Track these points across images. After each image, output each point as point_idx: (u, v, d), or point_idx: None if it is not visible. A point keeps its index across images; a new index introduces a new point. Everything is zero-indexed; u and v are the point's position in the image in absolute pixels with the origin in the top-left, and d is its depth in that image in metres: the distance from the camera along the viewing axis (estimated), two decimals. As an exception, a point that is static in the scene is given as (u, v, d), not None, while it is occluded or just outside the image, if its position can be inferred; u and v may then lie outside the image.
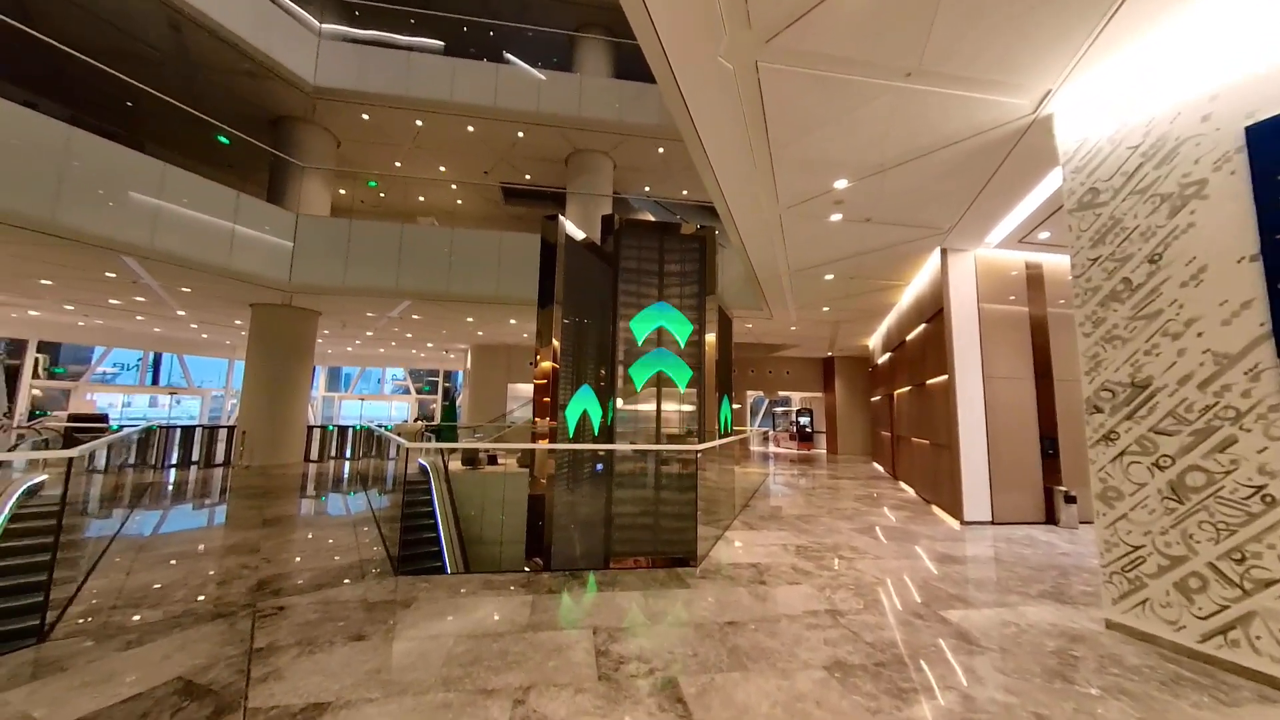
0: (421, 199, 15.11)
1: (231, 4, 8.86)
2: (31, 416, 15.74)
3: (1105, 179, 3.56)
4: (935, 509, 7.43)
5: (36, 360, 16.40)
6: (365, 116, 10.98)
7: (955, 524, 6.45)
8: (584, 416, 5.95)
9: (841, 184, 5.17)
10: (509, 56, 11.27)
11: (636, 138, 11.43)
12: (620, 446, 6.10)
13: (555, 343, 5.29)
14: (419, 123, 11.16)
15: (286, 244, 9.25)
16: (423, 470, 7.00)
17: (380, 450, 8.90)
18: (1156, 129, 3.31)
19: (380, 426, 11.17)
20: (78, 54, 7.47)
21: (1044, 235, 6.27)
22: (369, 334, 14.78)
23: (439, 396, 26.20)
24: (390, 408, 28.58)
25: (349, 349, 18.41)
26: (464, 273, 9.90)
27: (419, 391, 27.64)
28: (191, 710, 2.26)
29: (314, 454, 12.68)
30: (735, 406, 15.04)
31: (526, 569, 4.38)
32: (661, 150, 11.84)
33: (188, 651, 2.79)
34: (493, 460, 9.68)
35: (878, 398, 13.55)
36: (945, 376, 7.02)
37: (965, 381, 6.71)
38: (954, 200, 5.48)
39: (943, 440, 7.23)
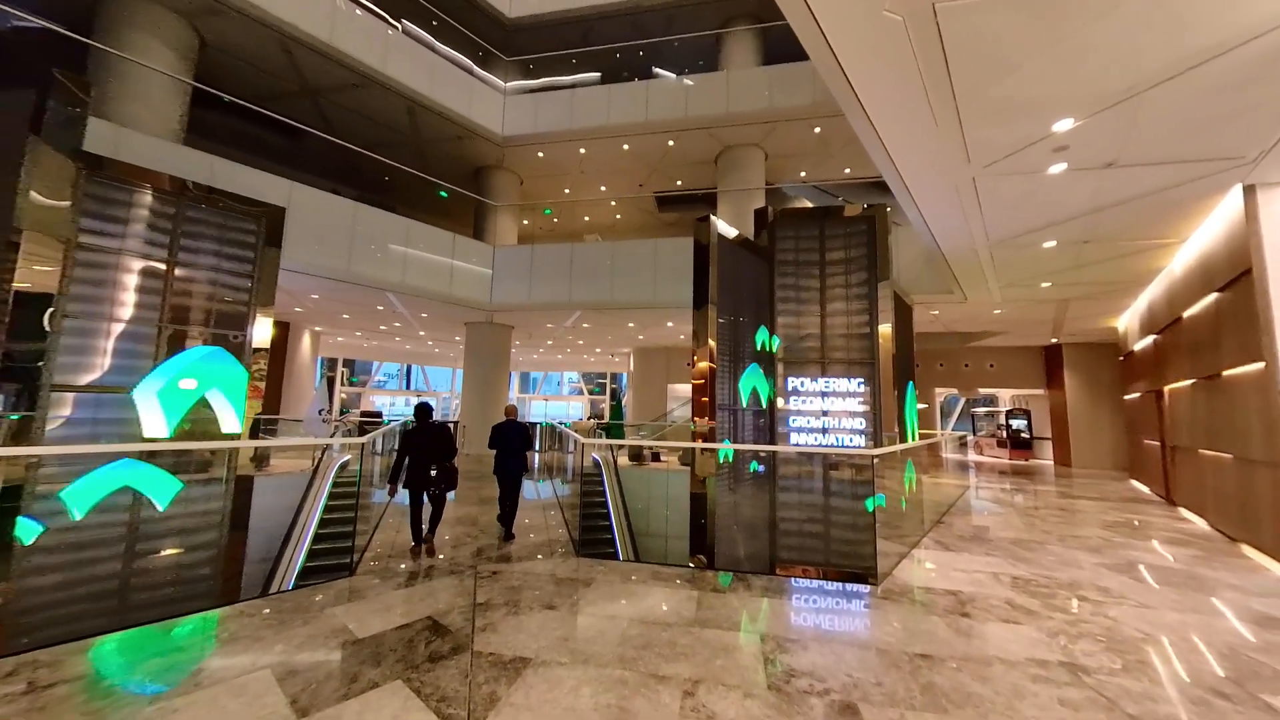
0: (587, 219, 16.77)
1: (447, 86, 11.14)
2: (341, 413, 22.07)
3: None
4: (1246, 549, 5.34)
5: (342, 373, 23.02)
6: (540, 154, 12.66)
7: (1288, 574, 4.52)
8: (754, 395, 5.88)
9: (1064, 125, 4.09)
10: (657, 71, 11.77)
11: (789, 122, 10.82)
12: (785, 448, 5.82)
13: (711, 343, 5.31)
14: (582, 150, 12.41)
15: (487, 271, 11.19)
16: (596, 464, 7.72)
17: (561, 444, 10.10)
18: None
19: (560, 424, 12.71)
20: (361, 150, 10.23)
21: None
22: (549, 343, 16.92)
23: (607, 397, 28.60)
24: (568, 407, 32.23)
25: (534, 356, 21.37)
26: (624, 281, 10.64)
27: (590, 392, 30.61)
28: (437, 644, 2.88)
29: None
30: (921, 406, 13.05)
31: (691, 565, 4.48)
32: (818, 130, 10.98)
33: (434, 597, 3.56)
34: (656, 457, 10.17)
35: (1136, 395, 10.31)
36: (1259, 365, 4.98)
37: (1299, 371, 4.66)
38: (1266, 114, 3.87)
39: (1258, 454, 5.14)
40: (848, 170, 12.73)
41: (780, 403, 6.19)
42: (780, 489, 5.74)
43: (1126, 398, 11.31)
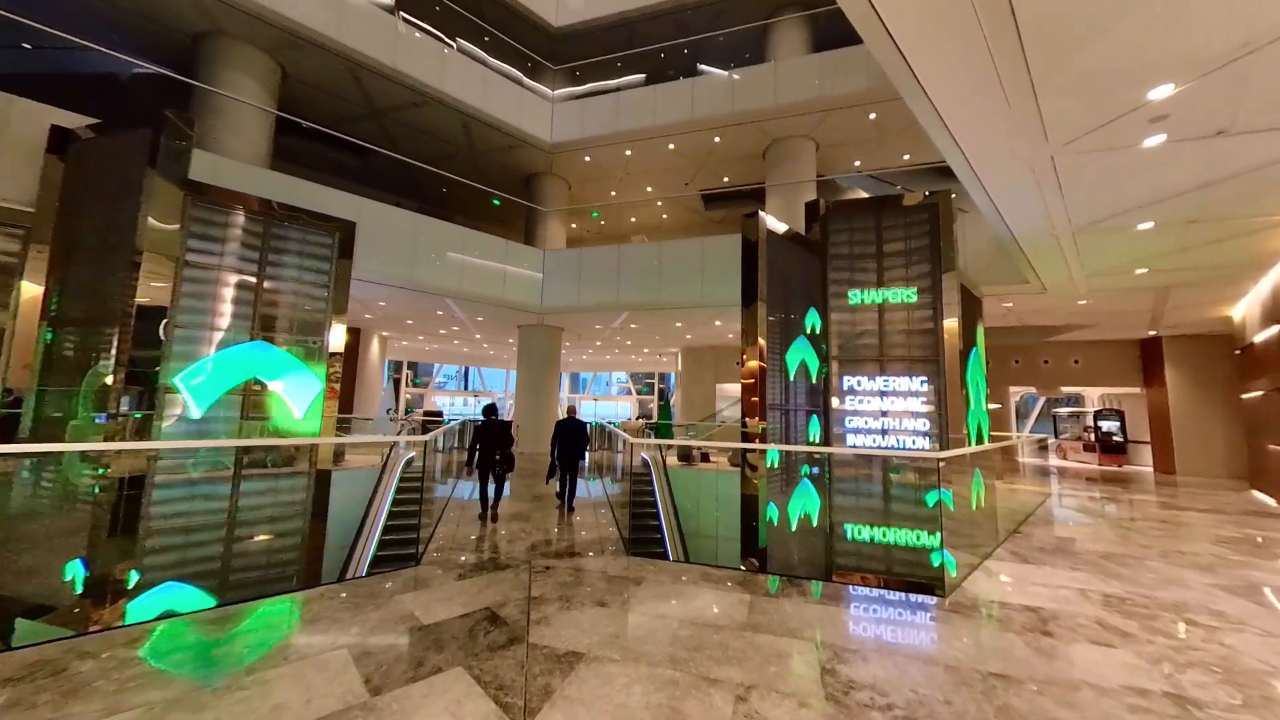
0: (633, 220, 16.89)
1: (499, 98, 11.60)
2: (406, 412, 23.51)
3: None
4: None
5: (406, 375, 24.55)
6: (587, 158, 12.89)
7: None
8: (802, 367, 5.71)
9: (1162, 92, 3.66)
10: (702, 68, 11.66)
11: (841, 110, 10.38)
12: (842, 450, 5.59)
13: (761, 341, 5.20)
14: (628, 152, 12.50)
15: (538, 275, 11.53)
16: (645, 463, 7.75)
17: (610, 444, 10.22)
18: None
19: (609, 423, 12.88)
20: (421, 164, 10.86)
21: None
22: (598, 344, 17.18)
23: (655, 397, 28.67)
24: (616, 407, 32.58)
25: (584, 357, 21.76)
26: (671, 281, 10.61)
27: (638, 393, 30.79)
28: (495, 634, 3.00)
29: (563, 445, 15.38)
30: (993, 406, 12.10)
31: (742, 567, 4.40)
32: (873, 116, 10.45)
33: (492, 589, 3.71)
34: (705, 458, 10.07)
35: (1258, 394, 9.05)
36: None
37: None
38: None
39: None
40: (907, 156, 12.04)
41: (835, 402, 5.94)
42: (836, 492, 5.51)
43: (1245, 397, 9.94)
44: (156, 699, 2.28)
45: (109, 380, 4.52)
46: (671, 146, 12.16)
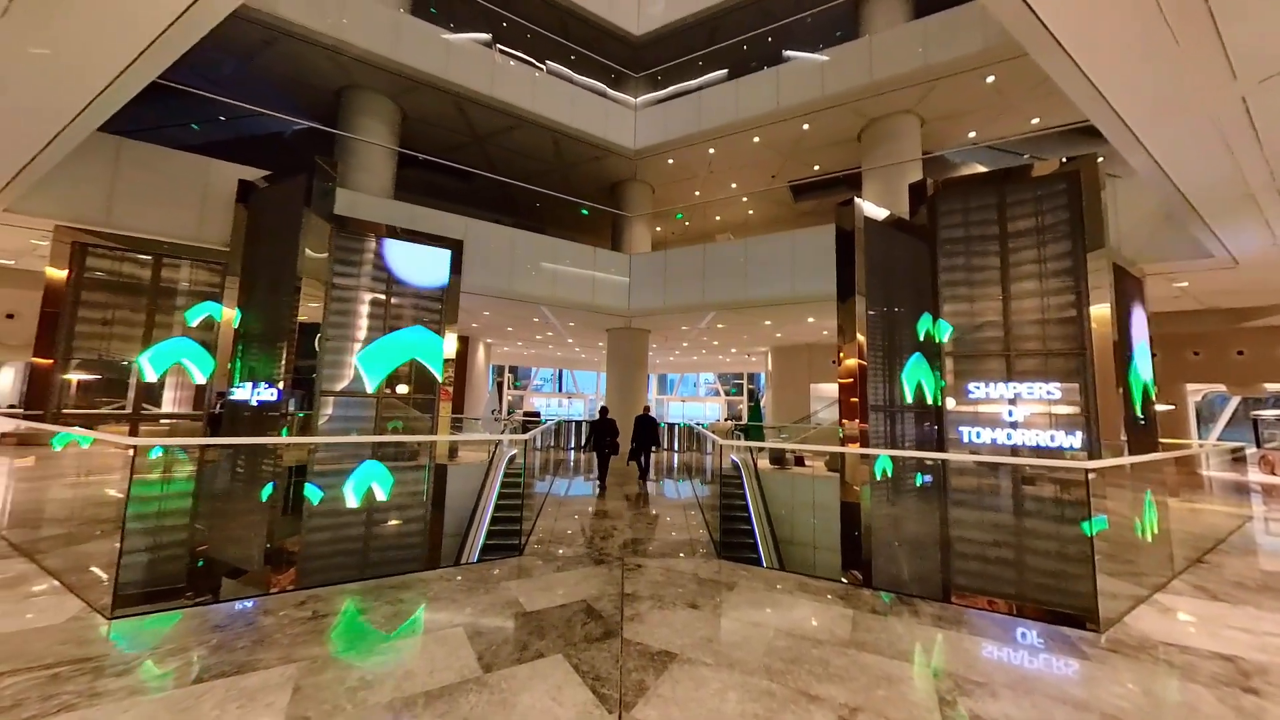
0: (718, 218, 16.64)
1: (585, 112, 12.12)
2: (508, 413, 25.46)
3: None
4: None
5: (508, 378, 26.59)
6: (670, 161, 12.96)
7: None
8: (919, 391, 5.21)
9: None
10: (788, 54, 11.15)
11: (951, 77, 9.31)
12: (963, 457, 5.01)
13: (860, 337, 4.84)
14: (711, 150, 12.35)
15: (624, 279, 11.82)
16: (734, 466, 7.59)
17: (698, 445, 10.15)
18: None
19: (698, 425, 12.79)
20: (517, 183, 11.72)
21: None
22: (685, 345, 17.17)
23: (744, 398, 27.96)
24: (704, 408, 32.29)
25: (670, 358, 21.88)
26: (759, 278, 10.28)
27: (727, 393, 30.23)
28: (591, 627, 3.12)
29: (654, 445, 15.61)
30: (1165, 408, 10.02)
31: (844, 580, 4.11)
32: (991, 79, 9.24)
33: (588, 583, 3.87)
34: (800, 461, 9.60)
35: None
36: None
37: None
38: None
39: None
40: (1036, 120, 10.46)
41: (950, 403, 5.34)
42: (954, 504, 4.94)
43: None
44: (318, 654, 2.70)
45: (280, 385, 5.47)
46: (756, 139, 11.79)
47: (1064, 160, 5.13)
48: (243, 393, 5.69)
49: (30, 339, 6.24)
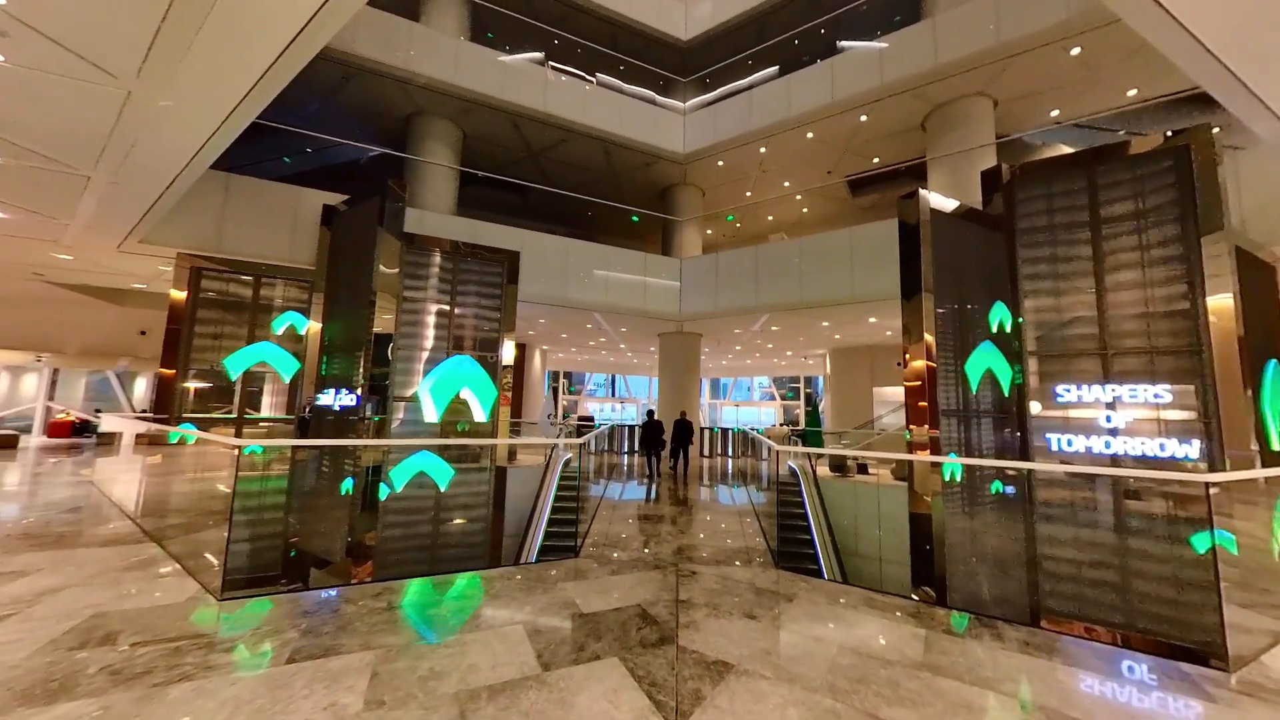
0: (770, 218, 16.24)
1: (635, 121, 12.29)
2: (564, 417, 26.12)
3: None
4: None
5: (563, 383, 27.31)
6: (720, 163, 12.83)
7: None
8: (988, 378, 4.81)
9: None
10: (842, 44, 10.73)
11: (1028, 53, 8.57)
12: (1053, 467, 4.56)
13: (928, 337, 4.54)
14: (763, 149, 12.10)
15: (675, 284, 11.81)
16: (792, 473, 7.33)
17: (753, 450, 9.90)
18: None
19: (752, 430, 12.50)
20: (570, 193, 12.07)
21: None
22: (737, 348, 16.86)
23: (801, 402, 27.01)
24: (759, 413, 31.48)
25: (723, 362, 21.55)
26: (815, 278, 9.92)
27: (782, 398, 29.31)
28: (646, 632, 3.12)
29: (704, 450, 15.41)
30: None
31: (914, 597, 3.85)
32: (1077, 50, 8.40)
33: (643, 588, 3.87)
34: (863, 469, 9.12)
35: None
36: None
37: None
38: None
39: None
40: (1133, 92, 9.40)
41: (1035, 408, 4.87)
42: (1042, 518, 4.50)
43: None
44: (392, 643, 2.89)
45: (359, 391, 5.93)
46: (810, 135, 11.42)
47: (1169, 134, 4.56)
48: (327, 398, 6.23)
49: (158, 352, 7.21)
